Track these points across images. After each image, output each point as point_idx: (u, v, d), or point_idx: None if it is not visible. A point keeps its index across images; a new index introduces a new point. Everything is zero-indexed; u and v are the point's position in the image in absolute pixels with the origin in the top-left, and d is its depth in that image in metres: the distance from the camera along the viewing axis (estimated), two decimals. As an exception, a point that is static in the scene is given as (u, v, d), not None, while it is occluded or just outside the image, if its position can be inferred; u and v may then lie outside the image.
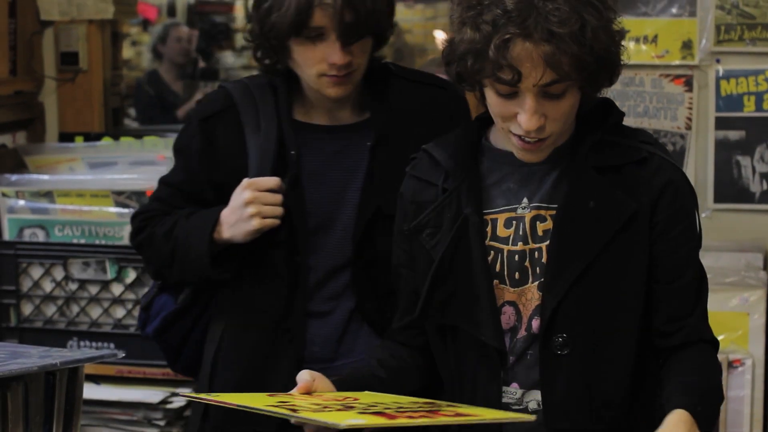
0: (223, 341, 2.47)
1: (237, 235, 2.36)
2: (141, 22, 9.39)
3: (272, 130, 2.40)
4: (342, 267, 2.42)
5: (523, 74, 1.92)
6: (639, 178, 2.04)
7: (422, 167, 2.18)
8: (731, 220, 3.49)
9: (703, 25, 3.45)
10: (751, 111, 3.46)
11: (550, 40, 1.90)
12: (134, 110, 6.57)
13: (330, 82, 2.32)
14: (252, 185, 2.35)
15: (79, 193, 3.70)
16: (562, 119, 2.00)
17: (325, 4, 2.25)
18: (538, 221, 2.06)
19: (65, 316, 3.67)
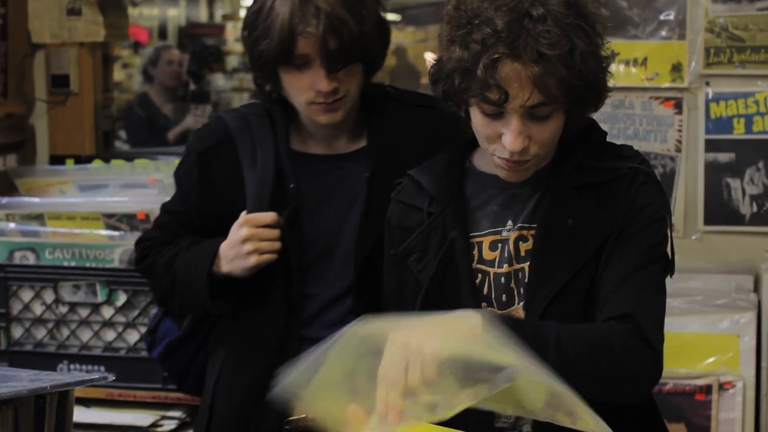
0: (223, 371, 2.47)
1: (235, 270, 2.36)
2: (132, 44, 9.42)
3: (270, 162, 2.40)
4: (343, 295, 2.41)
5: (510, 95, 1.91)
6: (616, 195, 2.04)
7: (407, 192, 2.18)
8: (721, 242, 3.49)
9: (693, 47, 3.47)
10: (741, 133, 3.47)
11: (539, 62, 1.89)
12: (125, 133, 6.57)
13: (319, 109, 2.32)
14: (249, 221, 2.34)
15: (70, 216, 3.70)
16: (547, 142, 2.00)
17: (308, 32, 2.24)
18: (521, 241, 2.07)
19: (55, 339, 3.66)
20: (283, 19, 2.24)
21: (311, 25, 2.23)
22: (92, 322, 3.62)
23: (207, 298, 2.39)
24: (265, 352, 2.41)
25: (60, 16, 4.03)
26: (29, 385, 1.86)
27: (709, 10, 3.45)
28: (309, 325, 2.42)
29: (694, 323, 3.26)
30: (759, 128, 3.46)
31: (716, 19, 3.44)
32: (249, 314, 2.44)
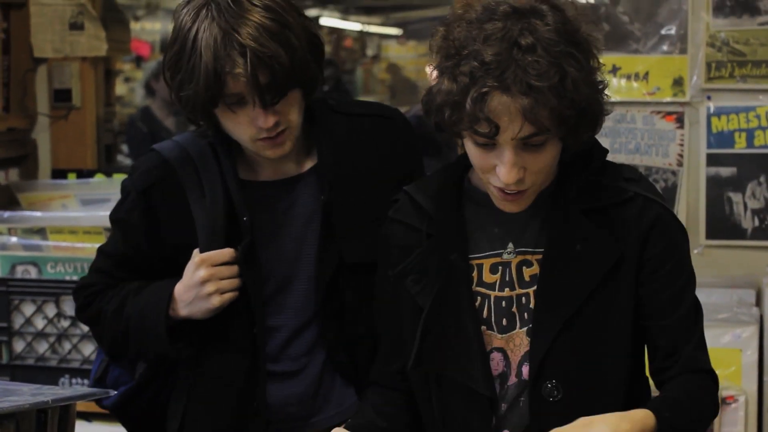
0: (186, 417, 2.37)
1: (196, 313, 2.26)
2: (134, 58, 9.43)
3: (218, 195, 2.28)
4: (309, 322, 2.33)
5: (500, 127, 1.88)
6: (625, 219, 2.02)
7: (404, 211, 2.14)
8: (723, 257, 3.49)
9: (694, 62, 3.47)
10: (743, 147, 3.47)
11: (529, 94, 1.85)
12: (127, 147, 6.58)
13: (265, 145, 2.20)
14: (206, 261, 2.24)
15: (72, 230, 3.70)
16: (543, 171, 1.96)
17: (236, 73, 2.10)
18: (525, 266, 2.04)
19: (57, 353, 3.66)
20: (206, 62, 2.10)
21: (238, 65, 2.09)
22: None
23: (166, 344, 2.29)
24: (229, 394, 2.32)
25: (62, 31, 4.03)
26: (31, 399, 1.86)
27: (710, 24, 3.45)
28: (275, 360, 2.33)
29: (696, 337, 3.25)
30: (760, 142, 3.46)
31: (717, 33, 3.45)
32: (211, 356, 2.33)
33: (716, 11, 3.44)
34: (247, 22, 2.11)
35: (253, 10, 2.13)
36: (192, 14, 2.14)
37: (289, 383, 2.34)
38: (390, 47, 11.91)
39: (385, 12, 11.91)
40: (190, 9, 2.16)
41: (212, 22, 2.11)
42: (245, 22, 2.11)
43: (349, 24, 11.73)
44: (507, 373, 2.04)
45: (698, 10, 3.46)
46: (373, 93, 10.37)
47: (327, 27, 10.75)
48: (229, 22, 2.11)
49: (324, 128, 2.34)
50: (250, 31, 2.10)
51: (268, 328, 2.32)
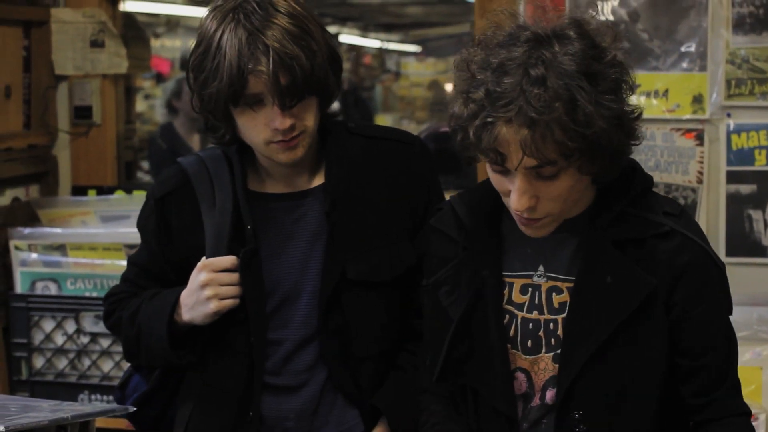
0: (190, 424, 2.41)
1: (196, 317, 2.30)
2: (154, 75, 9.46)
3: (227, 205, 2.34)
4: (311, 338, 2.34)
5: (507, 157, 1.87)
6: (660, 253, 1.98)
7: (445, 220, 2.15)
8: (743, 274, 3.47)
9: (714, 79, 3.46)
10: (763, 165, 3.46)
11: (530, 127, 1.83)
12: (147, 163, 6.60)
13: (278, 148, 2.25)
14: (207, 266, 2.29)
15: (92, 247, 3.71)
16: (558, 200, 1.94)
17: (258, 71, 2.17)
18: (554, 293, 2.04)
19: (77, 369, 3.67)
20: (231, 59, 2.17)
21: (261, 63, 2.16)
22: (113, 353, 3.62)
23: (168, 349, 2.33)
24: (229, 403, 2.35)
25: (83, 48, 4.05)
26: (50, 416, 1.87)
27: (730, 42, 3.45)
28: (276, 374, 2.35)
29: (716, 355, 3.24)
30: (781, 160, 3.45)
31: (737, 50, 3.44)
32: (213, 364, 2.37)
33: (736, 28, 3.44)
34: (272, 26, 2.19)
35: (278, 16, 2.20)
36: (218, 19, 2.22)
37: (288, 398, 2.36)
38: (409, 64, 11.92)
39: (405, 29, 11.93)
40: (216, 14, 2.24)
41: (238, 24, 2.19)
42: (270, 26, 2.19)
43: (368, 41, 11.76)
44: (531, 394, 2.04)
45: (718, 28, 3.45)
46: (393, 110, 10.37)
47: (346, 44, 10.77)
48: (254, 24, 2.19)
49: (337, 146, 2.37)
50: (275, 33, 2.18)
51: (271, 341, 2.35)
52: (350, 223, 2.32)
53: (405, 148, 2.41)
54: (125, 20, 4.27)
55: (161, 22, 9.03)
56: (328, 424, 2.37)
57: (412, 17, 11.16)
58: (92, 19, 4.04)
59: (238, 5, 2.22)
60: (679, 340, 1.99)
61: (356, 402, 2.34)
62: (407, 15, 11.06)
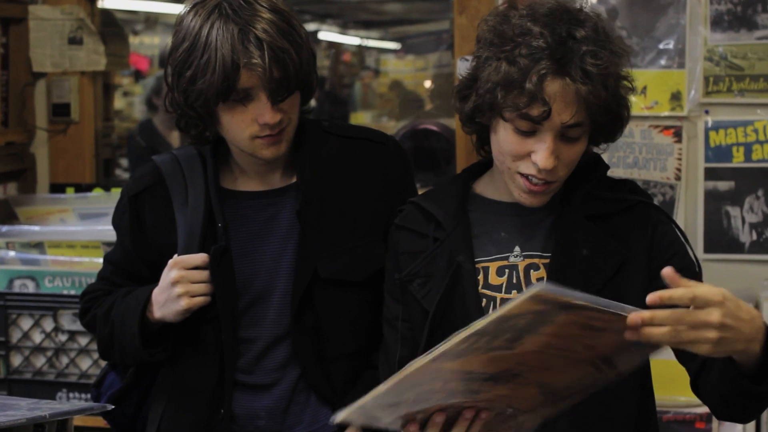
0: (162, 422, 2.41)
1: (167, 315, 2.30)
2: (133, 73, 9.43)
3: (200, 203, 2.34)
4: (283, 337, 2.35)
5: (553, 111, 1.94)
6: (629, 225, 2.07)
7: (411, 218, 2.18)
8: (721, 271, 3.48)
9: (692, 76, 3.47)
10: (740, 162, 3.47)
11: (585, 81, 1.93)
12: (127, 161, 6.58)
13: (264, 143, 2.25)
14: (178, 264, 2.29)
15: (70, 244, 3.70)
16: (571, 165, 2.03)
17: (253, 64, 2.16)
18: (532, 269, 2.07)
19: (55, 367, 3.65)
20: (223, 53, 2.15)
21: (255, 56, 2.15)
22: (91, 351, 3.61)
23: (139, 346, 2.33)
24: (200, 401, 2.36)
25: (61, 45, 4.04)
26: (28, 414, 1.86)
27: (708, 39, 3.46)
28: (248, 372, 2.36)
29: (694, 352, 3.25)
30: (758, 156, 3.46)
31: (715, 48, 3.45)
32: (185, 362, 2.37)
33: (714, 26, 3.45)
34: (262, 20, 2.18)
35: (264, 11, 2.20)
36: (203, 15, 2.20)
37: (259, 396, 2.36)
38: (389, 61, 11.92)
39: (384, 26, 11.93)
40: (199, 10, 2.22)
41: (227, 19, 2.18)
42: (258, 20, 2.18)
43: (347, 38, 11.75)
44: None
45: (696, 25, 3.47)
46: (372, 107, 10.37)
47: (326, 41, 10.75)
48: (243, 18, 2.18)
49: (311, 145, 2.37)
50: (265, 26, 2.18)
51: (243, 339, 2.35)
52: (323, 222, 2.32)
53: (379, 148, 2.41)
54: (103, 17, 4.25)
55: (140, 19, 9.00)
56: (301, 422, 2.37)
57: (391, 14, 11.15)
58: (70, 16, 4.03)
59: (221, 1, 2.21)
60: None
61: (329, 401, 2.34)
62: (387, 12, 11.06)
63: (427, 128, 4.83)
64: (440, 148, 4.69)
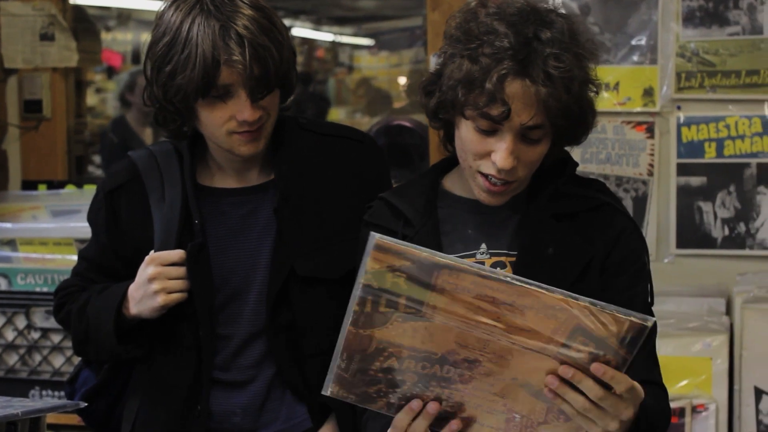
0: (138, 419, 2.41)
1: (144, 311, 2.29)
2: (105, 69, 9.39)
3: (177, 199, 2.33)
4: (260, 333, 2.34)
5: (512, 112, 1.93)
6: (594, 225, 2.07)
7: (380, 214, 2.18)
8: (693, 266, 3.50)
9: (664, 72, 3.49)
10: (712, 157, 3.49)
11: (546, 83, 1.92)
12: (99, 158, 6.55)
13: (242, 139, 2.24)
14: (155, 260, 2.28)
15: (42, 242, 3.68)
16: (531, 166, 2.02)
17: (233, 61, 2.15)
18: (498, 267, 2.07)
19: (27, 365, 3.64)
20: (204, 49, 2.15)
21: (236, 53, 2.15)
22: (65, 348, 3.60)
23: (115, 342, 2.33)
24: (176, 397, 2.35)
25: (33, 42, 4.02)
26: (0, 412, 1.85)
27: (680, 35, 3.47)
28: (225, 369, 2.36)
29: (666, 346, 3.27)
30: (730, 152, 3.48)
31: (687, 44, 3.47)
32: (160, 358, 2.37)
33: (686, 22, 3.46)
34: (242, 16, 2.18)
35: (245, 7, 2.20)
36: (184, 10, 2.20)
37: (235, 393, 2.36)
38: (362, 58, 11.91)
39: (357, 23, 11.92)
40: (179, 5, 2.21)
41: (208, 15, 2.17)
42: (240, 16, 2.18)
43: (321, 34, 11.74)
44: None
45: (668, 21, 3.48)
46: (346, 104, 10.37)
47: (299, 37, 10.74)
48: (225, 14, 2.17)
49: (289, 142, 2.37)
50: (246, 23, 2.17)
51: (221, 336, 2.35)
52: (300, 219, 2.32)
53: (356, 146, 2.41)
54: (75, 13, 4.24)
55: (112, 15, 8.96)
56: (277, 420, 2.36)
57: (364, 10, 11.15)
58: (42, 12, 4.01)
59: None
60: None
61: (304, 398, 2.34)
62: (360, 8, 11.05)
63: (401, 124, 4.83)
64: (414, 144, 4.69)
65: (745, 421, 3.30)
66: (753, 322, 3.31)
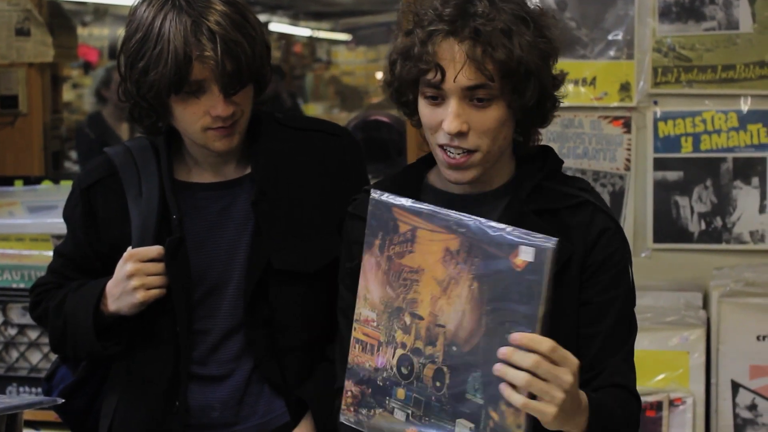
0: (116, 415, 2.40)
1: (122, 308, 2.29)
2: (82, 64, 9.36)
3: (154, 195, 2.32)
4: (238, 328, 2.34)
5: (448, 74, 1.93)
6: (575, 223, 2.06)
7: (364, 207, 2.18)
8: (670, 260, 3.52)
9: (641, 67, 3.50)
10: (689, 152, 3.50)
11: (475, 39, 1.91)
12: (75, 153, 6.53)
13: (216, 135, 2.24)
14: (133, 256, 2.27)
15: (19, 237, 3.67)
16: (488, 135, 1.99)
17: (205, 57, 2.15)
18: None
19: (4, 361, 3.63)
20: (176, 45, 2.15)
21: (207, 49, 2.15)
22: (41, 345, 3.59)
23: (93, 339, 2.32)
24: (154, 393, 2.35)
25: (8, 37, 4.00)
26: (-23, 409, 1.84)
27: (656, 30, 3.48)
28: (203, 364, 2.35)
29: (644, 340, 3.28)
30: (706, 147, 3.49)
31: (664, 39, 3.48)
32: (139, 355, 2.36)
33: (662, 17, 3.48)
34: (215, 12, 2.18)
35: (217, 3, 2.20)
36: (156, 6, 2.20)
37: (213, 387, 2.36)
38: (339, 53, 11.92)
39: (335, 17, 11.92)
40: (152, 1, 2.22)
41: (180, 11, 2.17)
42: (213, 12, 2.18)
43: (298, 29, 11.73)
44: None
45: (644, 16, 3.49)
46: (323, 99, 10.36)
47: (276, 32, 10.73)
48: (197, 10, 2.18)
49: (266, 136, 2.37)
50: (218, 19, 2.17)
51: (199, 331, 2.34)
52: (277, 213, 2.32)
53: (333, 140, 2.42)
54: (51, 8, 4.21)
55: (89, 11, 8.94)
56: (255, 414, 2.36)
57: (342, 6, 11.15)
58: (17, 7, 3.99)
59: None
60: (582, 306, 2.04)
61: (283, 392, 2.34)
62: (337, 3, 11.05)
63: (378, 119, 4.83)
64: (391, 140, 4.69)
65: (722, 414, 3.32)
66: (730, 316, 3.33)
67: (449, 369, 1.83)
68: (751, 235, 3.49)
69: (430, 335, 1.85)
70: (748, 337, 3.33)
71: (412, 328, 1.86)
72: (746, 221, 3.49)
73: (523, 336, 1.76)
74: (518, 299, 1.77)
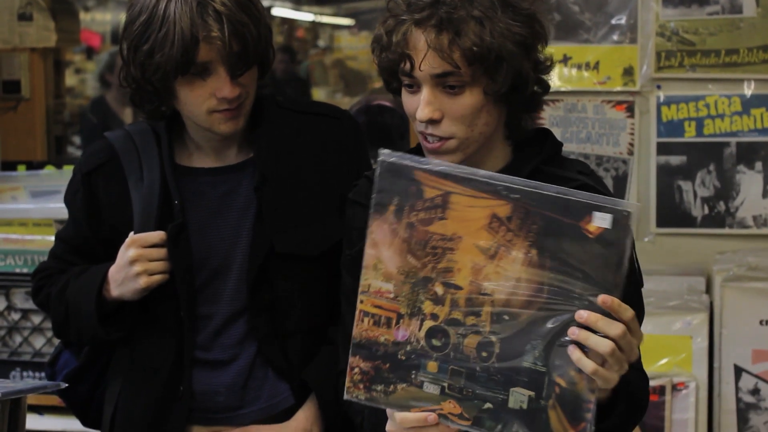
0: (119, 402, 2.40)
1: (125, 293, 2.29)
2: (84, 49, 9.35)
3: (155, 180, 2.32)
4: (241, 312, 2.34)
5: (417, 62, 1.94)
6: None
7: (364, 193, 2.18)
8: (673, 244, 3.52)
9: (644, 51, 3.49)
10: (692, 136, 3.50)
11: (440, 27, 1.92)
12: (79, 138, 6.53)
13: (222, 117, 2.24)
14: (136, 242, 2.27)
15: (22, 222, 3.67)
16: (463, 122, 1.99)
17: (212, 37, 2.15)
18: None
19: (8, 346, 3.63)
20: (182, 26, 2.14)
21: (214, 30, 2.15)
22: (45, 329, 3.59)
23: (97, 326, 2.32)
24: (158, 378, 2.34)
25: (11, 22, 4.00)
26: (-19, 393, 1.85)
27: (660, 14, 3.48)
28: (206, 349, 2.35)
29: (647, 325, 3.24)
30: (710, 131, 3.49)
31: (667, 23, 3.47)
32: (142, 340, 2.36)
33: (666, 1, 3.47)
34: None
35: None
36: None
37: (218, 372, 2.35)
38: (342, 38, 11.89)
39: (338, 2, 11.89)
40: None
41: None
42: None
43: (301, 14, 11.70)
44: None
45: (648, 0, 3.48)
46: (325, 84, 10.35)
47: (279, 17, 10.71)
48: None
49: (267, 120, 2.36)
50: (224, 0, 2.17)
51: (202, 316, 2.34)
52: (279, 197, 2.32)
53: (334, 123, 2.41)
54: (54, -7, 4.22)
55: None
56: (259, 398, 2.36)
57: (344, -10, 11.12)
58: (20, -9, 3.99)
59: None
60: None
61: (287, 376, 2.34)
62: (340, -12, 11.02)
63: (381, 104, 4.82)
64: (394, 124, 4.68)
65: (724, 398, 3.32)
66: (732, 301, 3.33)
67: (498, 338, 1.79)
68: (754, 220, 3.49)
69: (472, 305, 1.80)
70: (750, 322, 3.33)
71: (446, 298, 1.81)
72: (749, 206, 3.49)
73: (614, 300, 1.73)
74: (595, 267, 1.73)
